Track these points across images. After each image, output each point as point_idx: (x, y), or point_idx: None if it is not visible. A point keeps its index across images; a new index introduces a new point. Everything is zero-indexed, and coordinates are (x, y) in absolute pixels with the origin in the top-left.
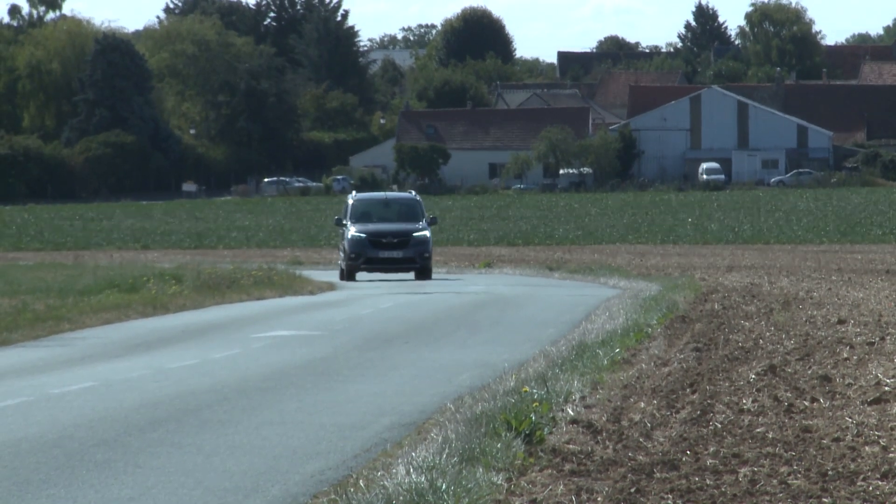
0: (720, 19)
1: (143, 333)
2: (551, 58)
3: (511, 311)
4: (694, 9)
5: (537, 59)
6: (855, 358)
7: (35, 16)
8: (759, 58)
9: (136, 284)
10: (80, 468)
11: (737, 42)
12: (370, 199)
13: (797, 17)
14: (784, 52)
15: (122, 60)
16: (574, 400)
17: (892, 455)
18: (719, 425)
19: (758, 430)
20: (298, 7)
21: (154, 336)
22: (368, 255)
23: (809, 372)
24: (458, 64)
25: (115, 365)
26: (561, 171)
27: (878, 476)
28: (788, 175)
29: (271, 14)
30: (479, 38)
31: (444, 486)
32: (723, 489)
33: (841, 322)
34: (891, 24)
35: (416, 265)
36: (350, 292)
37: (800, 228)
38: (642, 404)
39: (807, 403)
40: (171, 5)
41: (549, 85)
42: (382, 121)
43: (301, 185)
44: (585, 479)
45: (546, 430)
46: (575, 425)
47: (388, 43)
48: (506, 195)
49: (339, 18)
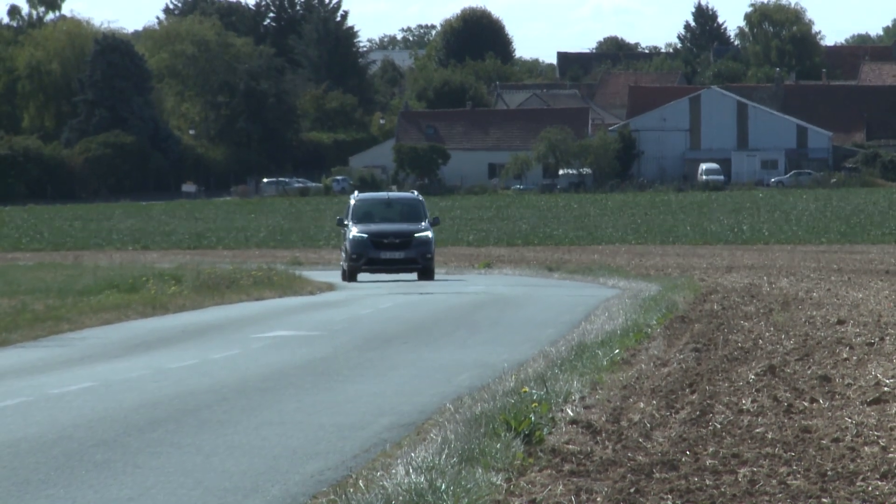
0: (720, 20)
1: (142, 334)
2: (551, 58)
3: (510, 312)
4: (693, 9)
5: (537, 60)
6: (854, 358)
7: (35, 16)
8: (758, 58)
9: (135, 285)
10: (79, 468)
11: (736, 42)
12: (372, 200)
13: (797, 17)
14: (783, 53)
15: (122, 61)
16: (573, 400)
17: (891, 455)
18: (719, 425)
19: (757, 430)
20: (298, 7)
21: (153, 336)
22: (370, 256)
23: (809, 372)
24: (457, 64)
25: (114, 365)
26: (560, 171)
27: (877, 476)
28: (788, 175)
29: (271, 14)
30: (478, 38)
31: (443, 487)
32: (722, 489)
33: (840, 322)
34: (890, 25)
35: (419, 266)
36: (349, 293)
37: (799, 229)
38: (642, 405)
39: (806, 404)
40: (171, 6)
41: (548, 85)
42: (382, 121)
43: (300, 185)
44: (585, 479)
45: (545, 430)
46: (574, 426)
47: (387, 43)
48: (505, 195)
49: (338, 19)
